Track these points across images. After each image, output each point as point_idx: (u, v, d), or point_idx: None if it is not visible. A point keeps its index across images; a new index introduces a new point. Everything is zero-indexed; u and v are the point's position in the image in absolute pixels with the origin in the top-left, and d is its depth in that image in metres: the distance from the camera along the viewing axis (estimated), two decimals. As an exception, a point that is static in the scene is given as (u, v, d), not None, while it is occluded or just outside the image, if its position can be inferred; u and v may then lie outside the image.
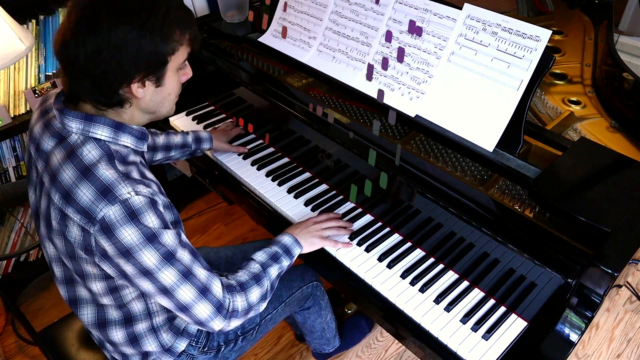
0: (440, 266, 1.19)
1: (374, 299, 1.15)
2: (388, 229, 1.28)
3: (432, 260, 1.21)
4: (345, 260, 1.21)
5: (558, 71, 1.50)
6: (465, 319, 1.08)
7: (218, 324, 0.99)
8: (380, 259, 1.20)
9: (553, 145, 1.17)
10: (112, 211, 0.85)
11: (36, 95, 1.74)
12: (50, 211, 0.92)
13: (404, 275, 1.16)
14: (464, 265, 1.16)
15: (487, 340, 1.04)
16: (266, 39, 1.58)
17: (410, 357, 1.80)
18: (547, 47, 1.06)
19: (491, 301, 1.12)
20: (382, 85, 1.30)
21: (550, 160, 1.10)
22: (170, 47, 0.90)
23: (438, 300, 1.11)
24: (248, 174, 1.47)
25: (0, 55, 1.34)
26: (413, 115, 1.24)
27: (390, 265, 1.19)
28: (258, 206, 1.41)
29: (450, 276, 1.17)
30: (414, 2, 1.25)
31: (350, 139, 1.25)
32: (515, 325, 1.07)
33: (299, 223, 1.24)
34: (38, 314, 1.95)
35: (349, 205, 1.36)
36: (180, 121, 1.68)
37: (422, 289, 1.13)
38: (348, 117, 1.29)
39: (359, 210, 1.34)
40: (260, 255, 1.12)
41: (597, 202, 0.98)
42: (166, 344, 1.12)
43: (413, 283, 1.15)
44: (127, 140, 0.96)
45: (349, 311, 1.88)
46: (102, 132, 0.92)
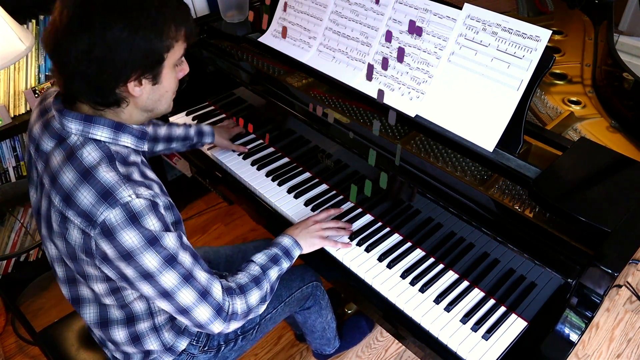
0: (440, 266, 1.19)
1: (374, 299, 1.15)
2: (388, 229, 1.28)
3: (432, 260, 1.21)
4: (345, 260, 1.21)
5: (558, 71, 1.50)
6: (465, 319, 1.08)
7: (217, 327, 0.99)
8: (380, 259, 1.20)
9: (553, 145, 1.17)
10: (113, 214, 0.85)
11: (36, 95, 1.74)
12: (51, 213, 0.92)
13: (404, 275, 1.17)
14: (464, 265, 1.16)
15: (487, 340, 1.04)
16: (266, 39, 1.58)
17: (410, 357, 1.80)
18: (547, 47, 1.06)
19: (491, 301, 1.12)
20: (382, 85, 1.30)
21: (550, 160, 1.10)
22: (166, 44, 0.88)
23: (438, 300, 1.11)
24: (248, 174, 1.47)
25: (0, 55, 1.34)
26: (413, 115, 1.24)
27: (390, 265, 1.19)
28: (258, 206, 1.41)
29: (450, 276, 1.17)
30: (414, 2, 1.25)
31: (350, 139, 1.25)
32: (515, 325, 1.07)
33: (299, 223, 1.24)
34: (38, 314, 1.95)
35: (348, 205, 1.36)
36: (180, 121, 1.67)
37: (422, 289, 1.13)
38: (348, 117, 1.29)
39: (359, 210, 1.34)
40: (260, 257, 1.11)
41: (597, 202, 0.98)
42: (167, 343, 1.12)
43: (413, 283, 1.15)
44: (128, 141, 0.95)
45: (349, 311, 1.88)
46: (102, 133, 0.91)
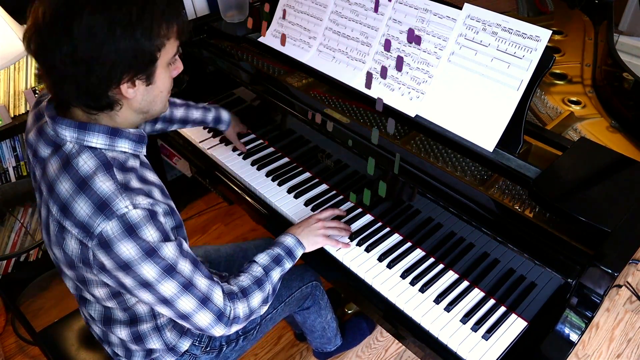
0: (440, 266, 1.19)
1: (374, 299, 1.15)
2: (388, 229, 1.28)
3: (432, 260, 1.21)
4: (345, 260, 1.21)
5: (558, 71, 1.50)
6: (465, 319, 1.08)
7: (219, 331, 0.99)
8: (380, 259, 1.20)
9: (553, 145, 1.17)
10: (110, 226, 0.83)
11: (36, 95, 1.74)
12: (49, 222, 0.91)
13: (404, 275, 1.17)
14: (464, 265, 1.16)
15: (487, 340, 1.04)
16: (266, 39, 1.58)
17: (410, 357, 1.80)
18: (547, 47, 1.06)
19: (491, 301, 1.12)
20: (382, 85, 1.30)
21: (550, 160, 1.10)
22: (157, 43, 0.84)
23: (438, 300, 1.11)
24: (248, 174, 1.47)
25: (0, 55, 1.34)
26: (413, 115, 1.24)
27: (390, 265, 1.19)
28: (258, 206, 1.41)
29: (450, 276, 1.17)
30: (414, 2, 1.25)
31: (350, 138, 1.25)
32: (515, 325, 1.07)
33: (301, 222, 1.24)
34: (38, 314, 1.95)
35: (348, 205, 1.36)
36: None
37: (422, 289, 1.13)
38: (348, 117, 1.29)
39: (359, 210, 1.34)
40: (262, 258, 1.11)
41: (597, 202, 0.98)
42: (170, 342, 1.12)
43: (413, 283, 1.15)
44: (125, 146, 0.92)
45: (349, 311, 1.88)
46: (97, 140, 0.89)
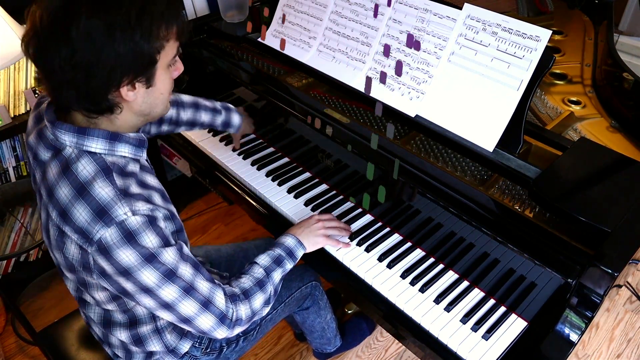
0: (440, 266, 1.19)
1: (374, 299, 1.15)
2: (388, 229, 1.28)
3: (432, 260, 1.21)
4: (345, 260, 1.21)
5: (558, 71, 1.50)
6: (465, 319, 1.08)
7: (221, 333, 0.99)
8: (380, 259, 1.20)
9: (553, 145, 1.17)
10: (109, 233, 0.82)
11: (36, 95, 1.74)
12: (49, 226, 0.90)
13: (404, 275, 1.16)
14: (464, 265, 1.16)
15: (487, 340, 1.04)
16: (266, 39, 1.58)
17: (410, 357, 1.80)
18: (547, 47, 1.06)
19: (491, 301, 1.12)
20: (382, 85, 1.30)
21: (550, 160, 1.10)
22: (156, 45, 0.83)
23: (438, 300, 1.11)
24: (248, 174, 1.47)
25: (0, 55, 1.34)
26: (413, 115, 1.24)
27: (390, 265, 1.19)
28: (258, 206, 1.41)
29: (450, 276, 1.17)
30: (414, 2, 1.25)
31: (350, 139, 1.25)
32: (515, 325, 1.07)
33: (301, 222, 1.24)
34: (38, 314, 1.95)
35: (348, 204, 1.36)
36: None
37: (422, 289, 1.13)
38: (348, 118, 1.29)
39: (359, 210, 1.34)
40: (263, 259, 1.11)
41: (597, 202, 0.98)
42: (170, 345, 1.12)
43: (413, 283, 1.15)
44: (125, 150, 0.91)
45: (349, 311, 1.88)
46: (97, 145, 0.88)
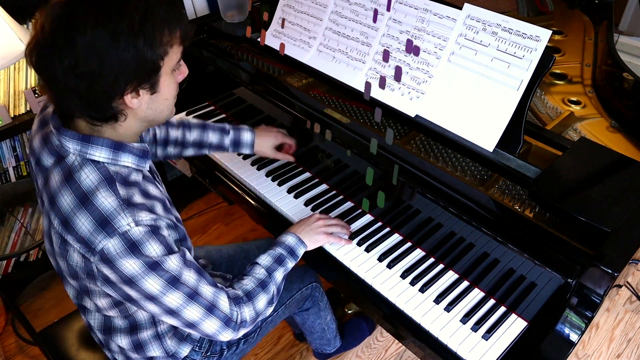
0: (440, 266, 1.19)
1: (374, 299, 1.15)
2: (388, 229, 1.28)
3: (432, 260, 1.21)
4: (345, 260, 1.21)
5: (558, 71, 1.50)
6: (465, 319, 1.08)
7: (227, 336, 0.99)
8: (380, 259, 1.20)
9: (553, 145, 1.17)
10: (112, 244, 0.82)
11: (36, 95, 1.74)
12: (51, 233, 0.90)
13: (404, 275, 1.16)
14: (464, 265, 1.16)
15: (487, 340, 1.04)
16: (266, 39, 1.58)
17: (410, 357, 1.80)
18: (547, 47, 1.06)
19: (491, 301, 1.12)
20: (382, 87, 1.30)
21: (550, 160, 1.10)
22: (160, 52, 0.82)
23: (438, 300, 1.11)
24: (248, 174, 1.47)
25: (0, 55, 1.34)
26: (413, 115, 1.24)
27: (390, 265, 1.19)
28: (258, 206, 1.41)
29: (450, 276, 1.17)
30: (414, 2, 1.25)
31: (350, 139, 1.25)
32: (515, 325, 1.07)
33: (301, 221, 1.23)
34: (38, 314, 1.95)
35: (348, 204, 1.36)
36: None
37: (422, 289, 1.13)
38: (348, 118, 1.29)
39: (359, 210, 1.34)
40: (265, 259, 1.10)
41: (597, 202, 0.98)
42: (170, 350, 1.11)
43: (413, 283, 1.15)
44: (128, 160, 0.90)
45: (349, 311, 1.88)
46: (100, 154, 0.87)
